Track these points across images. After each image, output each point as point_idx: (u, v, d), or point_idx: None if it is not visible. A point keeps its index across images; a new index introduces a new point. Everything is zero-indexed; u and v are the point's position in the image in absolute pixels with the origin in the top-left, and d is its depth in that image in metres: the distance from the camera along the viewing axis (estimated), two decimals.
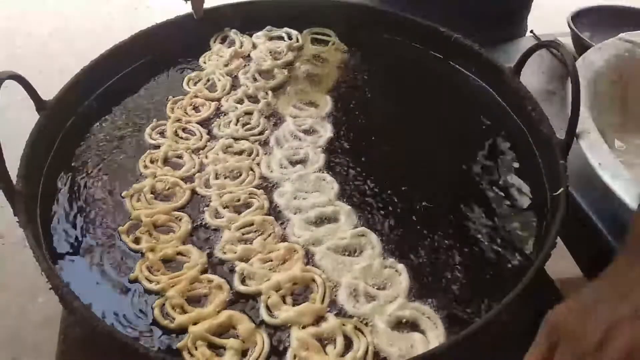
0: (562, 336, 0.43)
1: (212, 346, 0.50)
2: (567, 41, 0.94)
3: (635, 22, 0.88)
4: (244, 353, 0.50)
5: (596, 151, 0.59)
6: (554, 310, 0.45)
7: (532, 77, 0.89)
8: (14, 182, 0.57)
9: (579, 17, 0.92)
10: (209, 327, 0.51)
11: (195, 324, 0.51)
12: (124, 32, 0.81)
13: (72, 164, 0.67)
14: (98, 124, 0.72)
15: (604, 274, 0.47)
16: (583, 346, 0.41)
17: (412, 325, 0.52)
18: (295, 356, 0.49)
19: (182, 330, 0.51)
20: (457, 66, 0.81)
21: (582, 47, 0.85)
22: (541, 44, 0.67)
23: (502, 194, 0.65)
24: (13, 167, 0.58)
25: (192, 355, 0.49)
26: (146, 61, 0.81)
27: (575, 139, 0.62)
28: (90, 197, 0.64)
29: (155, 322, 0.52)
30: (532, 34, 1.00)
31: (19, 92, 0.63)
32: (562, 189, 0.58)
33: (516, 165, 0.68)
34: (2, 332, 1.41)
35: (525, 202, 0.64)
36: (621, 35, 0.77)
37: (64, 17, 2.48)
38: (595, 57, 0.73)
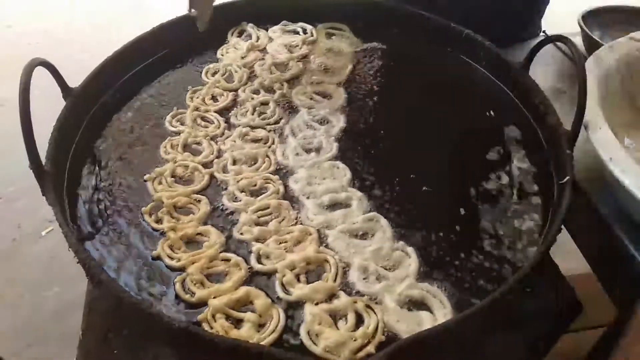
0: None
1: (229, 319, 0.53)
2: (578, 41, 0.95)
3: None
4: (260, 327, 0.53)
5: (607, 146, 0.61)
6: None
7: (543, 76, 0.91)
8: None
9: (590, 17, 0.94)
10: (228, 301, 0.53)
11: (214, 298, 0.54)
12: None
13: (97, 148, 0.70)
14: (121, 111, 0.75)
15: None
16: None
17: (420, 304, 0.55)
18: (308, 330, 0.52)
19: (201, 305, 0.54)
20: (468, 60, 0.84)
21: (592, 46, 0.87)
22: (549, 39, 0.69)
23: (511, 182, 0.67)
24: (40, 150, 0.61)
25: (211, 327, 0.52)
26: (166, 53, 0.84)
27: (585, 130, 0.64)
28: (113, 179, 0.66)
29: (176, 297, 0.55)
30: (543, 34, 1.02)
31: (43, 79, 0.66)
32: (568, 176, 0.60)
33: (524, 155, 0.70)
34: (17, 321, 1.44)
35: (533, 190, 0.66)
36: (632, 34, 0.78)
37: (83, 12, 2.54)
38: (606, 55, 0.75)
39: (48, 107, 0.69)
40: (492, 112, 0.77)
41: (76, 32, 2.38)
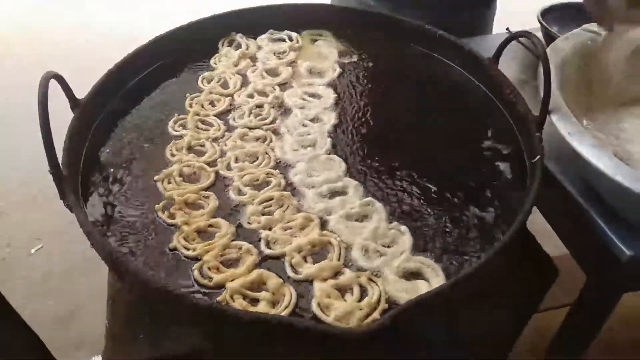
0: None
1: (246, 299, 0.58)
2: (538, 35, 1.04)
3: None
4: (274, 305, 0.58)
5: (565, 123, 0.69)
6: None
7: (507, 69, 0.99)
8: None
9: (548, 14, 1.03)
10: (243, 283, 0.59)
11: (230, 282, 0.59)
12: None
13: (105, 155, 0.75)
14: (125, 119, 0.80)
15: None
16: None
17: (417, 275, 0.61)
18: (319, 303, 0.58)
19: (219, 288, 0.59)
20: (442, 59, 0.91)
21: (551, 40, 0.95)
22: (515, 35, 0.77)
23: (488, 164, 0.74)
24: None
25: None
26: (163, 63, 0.89)
27: (548, 116, 0.72)
28: (124, 182, 0.71)
29: (195, 282, 0.60)
30: (507, 31, 1.11)
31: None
32: (538, 156, 0.68)
33: (498, 140, 0.78)
34: None
35: (507, 170, 0.74)
36: (585, 25, 0.87)
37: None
38: (563, 45, 0.83)
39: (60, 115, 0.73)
40: (468, 104, 0.84)
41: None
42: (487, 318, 0.68)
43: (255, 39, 0.96)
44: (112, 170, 0.73)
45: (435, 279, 0.60)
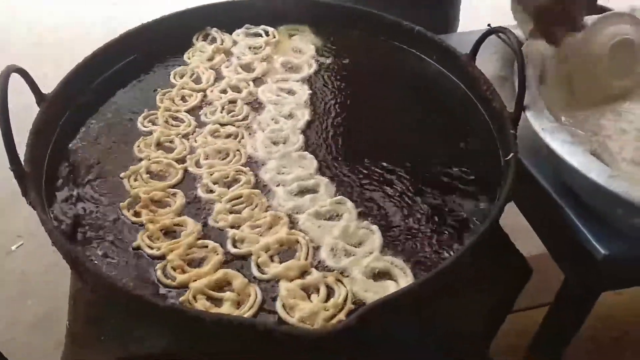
0: None
1: (209, 300, 0.57)
2: (519, 33, 1.03)
3: None
4: (239, 305, 0.57)
5: (540, 119, 0.68)
6: None
7: (488, 65, 0.98)
8: None
9: None
10: (207, 283, 0.57)
11: (194, 282, 0.58)
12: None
13: (72, 151, 0.73)
14: (94, 114, 0.78)
15: None
16: None
17: (385, 275, 0.60)
18: (284, 304, 0.56)
19: (182, 288, 0.58)
20: (419, 54, 0.90)
21: None
22: (491, 30, 0.76)
23: (461, 161, 0.73)
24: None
25: (193, 307, 0.55)
26: (135, 58, 0.87)
27: (524, 112, 0.71)
28: (90, 179, 0.69)
29: (158, 282, 0.58)
30: (488, 26, 1.09)
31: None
32: (512, 153, 0.67)
33: (473, 136, 0.77)
34: None
35: (481, 167, 0.73)
36: None
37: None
38: (542, 42, 0.82)
39: (20, 115, 0.71)
40: (444, 100, 0.83)
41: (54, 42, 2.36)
42: (459, 317, 0.67)
43: (231, 33, 0.94)
44: (79, 166, 0.71)
45: (404, 279, 0.59)
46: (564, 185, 0.72)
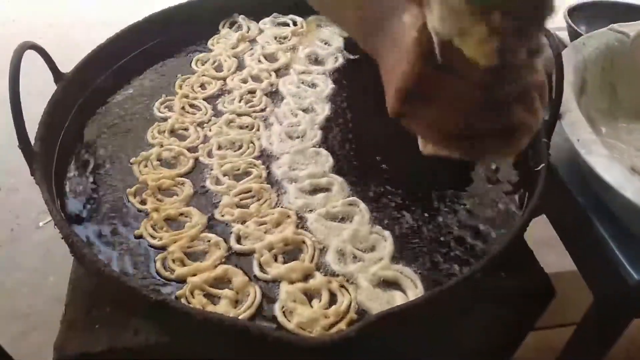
0: None
1: (207, 296, 0.54)
2: (564, 35, 0.97)
3: (630, 17, 0.90)
4: (237, 304, 0.54)
5: (576, 128, 0.62)
6: None
7: None
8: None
9: (576, 12, 0.95)
10: (206, 278, 0.55)
11: (193, 276, 0.56)
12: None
13: (86, 132, 0.72)
14: (111, 97, 0.77)
15: None
16: None
17: (393, 285, 0.56)
18: (283, 307, 0.53)
19: (181, 282, 0.56)
20: None
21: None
22: None
23: (488, 169, 0.69)
24: (31, 132, 0.62)
25: (189, 303, 0.53)
26: (157, 42, 0.86)
27: (559, 120, 0.66)
28: (101, 162, 0.68)
29: (157, 274, 0.56)
30: None
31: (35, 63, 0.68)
32: (543, 164, 0.62)
33: None
34: (15, 308, 1.46)
35: (511, 178, 0.68)
36: (612, 25, 0.79)
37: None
38: (585, 45, 0.76)
39: (45, 94, 0.71)
40: None
41: (82, 27, 2.41)
42: (473, 334, 0.63)
43: (258, 22, 0.92)
44: (92, 149, 0.70)
45: (413, 290, 0.55)
46: (598, 201, 0.66)
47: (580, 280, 0.74)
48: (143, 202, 0.63)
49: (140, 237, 0.60)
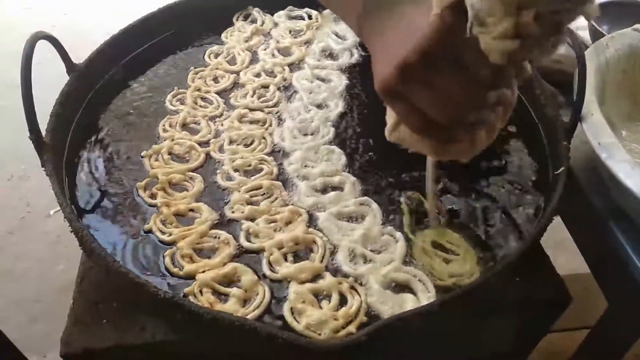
0: None
1: (216, 294, 0.54)
2: (585, 34, 0.94)
3: None
4: (245, 302, 0.53)
5: (597, 132, 0.60)
6: None
7: None
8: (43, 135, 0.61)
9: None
10: (215, 276, 0.54)
11: (202, 273, 0.55)
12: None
13: (98, 124, 0.71)
14: (123, 89, 0.76)
15: None
16: None
17: (405, 287, 0.55)
18: (292, 307, 0.52)
19: (189, 278, 0.55)
20: None
21: (598, 39, 0.85)
22: None
23: (507, 172, 0.67)
24: (42, 122, 0.62)
25: (198, 300, 0.53)
26: (172, 34, 0.85)
27: (580, 123, 0.64)
28: (112, 155, 0.68)
29: (166, 270, 0.56)
30: None
31: (50, 51, 0.67)
32: (562, 167, 0.60)
33: (522, 145, 0.70)
34: (23, 295, 1.48)
35: (529, 180, 0.66)
36: (636, 25, 0.77)
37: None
38: (608, 45, 0.74)
39: (59, 84, 0.70)
40: None
41: (97, 15, 2.40)
42: (485, 341, 0.62)
43: (273, 15, 0.90)
44: (103, 141, 0.70)
45: (425, 294, 0.54)
46: (617, 206, 0.65)
47: (593, 284, 0.73)
48: (153, 196, 0.62)
49: (149, 231, 0.59)
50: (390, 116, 0.48)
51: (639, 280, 0.62)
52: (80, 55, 0.72)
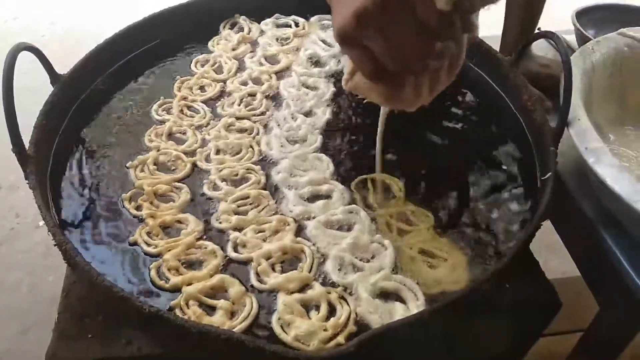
0: None
1: (203, 306, 0.53)
2: (572, 38, 0.95)
3: (639, 21, 0.88)
4: (232, 315, 0.53)
5: (584, 137, 0.60)
6: None
7: None
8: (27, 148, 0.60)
9: (584, 15, 0.93)
10: (202, 288, 0.54)
11: (188, 285, 0.54)
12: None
13: (83, 135, 0.71)
14: (109, 99, 0.76)
15: None
16: None
17: (394, 296, 0.54)
18: (280, 319, 0.52)
19: (176, 291, 0.54)
20: None
21: (585, 43, 0.86)
22: (538, 35, 0.69)
23: (496, 178, 0.67)
24: (25, 134, 0.61)
25: (184, 313, 0.52)
26: (157, 43, 0.84)
27: (567, 128, 0.64)
28: (97, 166, 0.67)
29: (152, 283, 0.55)
30: (537, 30, 1.01)
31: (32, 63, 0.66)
32: (550, 173, 0.60)
33: (510, 150, 0.70)
34: (14, 306, 1.46)
35: (517, 187, 0.66)
36: (621, 30, 0.77)
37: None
38: (594, 50, 0.74)
39: (42, 96, 0.70)
40: (480, 107, 0.77)
41: (84, 26, 2.39)
42: (476, 348, 0.61)
43: (259, 23, 0.90)
44: (89, 152, 0.69)
45: (414, 302, 0.53)
46: (607, 212, 0.65)
47: (584, 287, 0.73)
48: (138, 208, 0.61)
49: (135, 243, 0.58)
50: (348, 66, 0.51)
51: (630, 284, 0.62)
52: (70, 64, 0.71)
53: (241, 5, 0.91)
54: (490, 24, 1.09)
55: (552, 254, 1.07)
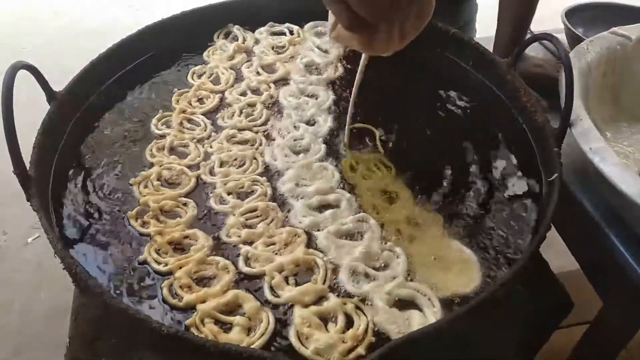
0: None
1: (218, 323, 0.52)
2: (562, 37, 0.96)
3: (628, 19, 0.89)
4: (249, 330, 0.52)
5: (587, 137, 0.61)
6: None
7: None
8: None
9: (573, 14, 0.95)
10: (216, 305, 0.53)
11: (202, 302, 0.53)
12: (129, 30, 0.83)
13: (82, 153, 0.69)
14: (106, 114, 0.74)
15: None
16: None
17: (410, 304, 0.54)
18: (298, 332, 0.51)
19: (189, 309, 0.53)
20: (455, 59, 0.83)
21: (575, 42, 0.86)
22: (535, 37, 0.70)
23: (499, 181, 0.67)
24: (24, 154, 0.59)
25: (200, 331, 0.51)
26: (152, 55, 0.83)
27: (570, 127, 0.65)
28: (100, 184, 0.66)
29: (164, 302, 0.54)
30: (529, 32, 1.02)
31: (27, 83, 0.65)
32: (556, 174, 0.60)
33: (513, 154, 0.71)
34: (7, 324, 1.42)
35: (521, 189, 0.66)
36: (614, 29, 0.79)
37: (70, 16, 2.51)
38: (588, 49, 0.75)
39: (34, 113, 0.68)
40: (480, 111, 0.77)
41: (63, 38, 2.35)
42: (491, 346, 0.62)
43: (253, 32, 0.89)
44: (88, 170, 0.67)
45: (430, 309, 0.53)
46: (610, 210, 0.66)
47: (584, 280, 0.73)
48: (145, 225, 0.60)
49: (144, 262, 0.57)
50: (331, 18, 0.56)
51: (635, 280, 0.63)
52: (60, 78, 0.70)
53: (234, 14, 0.90)
54: (485, 27, 1.11)
55: (548, 249, 1.08)
